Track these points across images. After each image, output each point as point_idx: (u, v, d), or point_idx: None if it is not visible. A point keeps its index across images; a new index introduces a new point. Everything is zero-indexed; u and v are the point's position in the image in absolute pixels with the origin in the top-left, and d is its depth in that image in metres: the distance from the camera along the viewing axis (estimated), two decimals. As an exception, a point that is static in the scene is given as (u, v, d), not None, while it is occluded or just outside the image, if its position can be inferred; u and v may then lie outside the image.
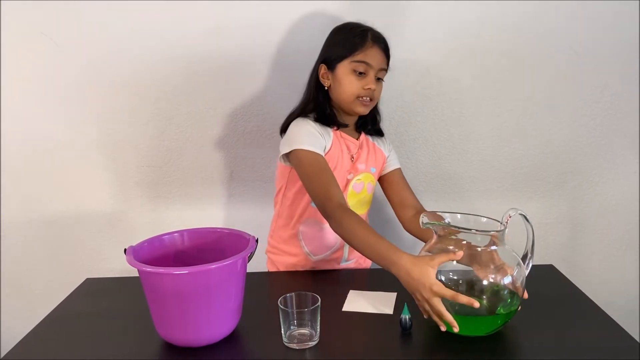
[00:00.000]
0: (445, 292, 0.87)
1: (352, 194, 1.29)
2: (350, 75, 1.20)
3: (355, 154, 1.29)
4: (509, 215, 0.93)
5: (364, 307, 1.04)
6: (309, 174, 1.16)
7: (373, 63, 1.19)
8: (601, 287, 1.50)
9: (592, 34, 1.45)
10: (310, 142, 1.18)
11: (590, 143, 1.56)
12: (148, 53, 1.45)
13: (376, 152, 1.34)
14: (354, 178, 1.28)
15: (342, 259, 1.33)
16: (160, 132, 1.53)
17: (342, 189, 1.25)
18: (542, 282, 1.11)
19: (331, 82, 1.24)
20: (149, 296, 0.92)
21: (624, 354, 0.87)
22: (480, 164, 1.58)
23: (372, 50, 1.19)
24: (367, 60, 1.19)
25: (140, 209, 1.60)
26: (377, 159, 1.33)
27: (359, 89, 1.20)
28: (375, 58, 1.20)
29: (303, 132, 1.21)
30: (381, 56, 1.21)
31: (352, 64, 1.20)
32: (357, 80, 1.20)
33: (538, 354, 0.88)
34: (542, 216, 1.62)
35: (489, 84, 1.50)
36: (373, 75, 1.20)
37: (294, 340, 0.91)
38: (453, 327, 0.89)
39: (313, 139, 1.20)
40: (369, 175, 1.31)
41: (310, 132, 1.21)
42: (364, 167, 1.30)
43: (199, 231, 1.05)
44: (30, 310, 1.61)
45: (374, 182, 1.34)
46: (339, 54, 1.21)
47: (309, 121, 1.24)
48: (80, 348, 0.94)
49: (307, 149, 1.17)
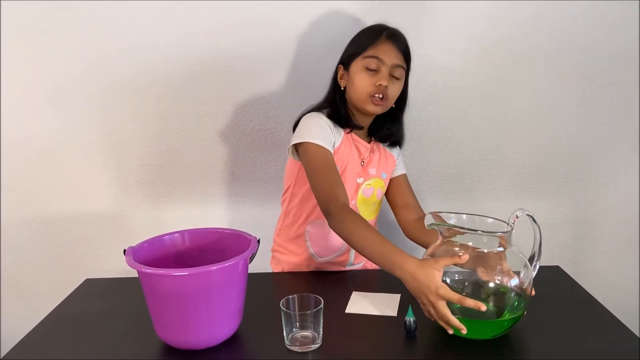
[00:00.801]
0: (451, 296, 0.85)
1: (361, 199, 1.27)
2: (362, 72, 1.17)
3: (366, 159, 1.27)
4: (516, 216, 0.91)
5: (367, 309, 1.03)
6: (316, 170, 1.13)
7: (385, 58, 1.16)
8: (607, 288, 1.49)
9: (599, 33, 1.44)
10: (320, 137, 1.15)
11: (597, 142, 1.54)
12: (149, 52, 1.44)
13: (387, 157, 1.31)
14: (364, 182, 1.26)
15: (347, 262, 1.31)
16: (161, 131, 1.52)
17: (351, 193, 1.24)
18: (549, 284, 1.10)
19: (346, 82, 1.22)
20: (149, 298, 0.91)
21: (632, 355, 0.86)
22: (484, 163, 1.56)
23: (385, 45, 1.16)
24: (379, 55, 1.15)
25: (141, 208, 1.59)
26: (389, 164, 1.31)
27: (370, 85, 1.16)
28: (388, 54, 1.16)
29: (314, 125, 1.18)
30: (395, 52, 1.17)
31: (364, 60, 1.17)
32: (368, 77, 1.16)
33: (545, 356, 0.87)
34: (547, 216, 1.60)
35: (494, 82, 1.49)
36: (386, 72, 1.16)
37: (297, 343, 0.89)
38: (461, 330, 0.87)
39: (323, 133, 1.16)
40: (380, 180, 1.29)
41: (321, 125, 1.18)
42: (375, 172, 1.28)
43: (199, 231, 1.04)
44: (29, 311, 1.61)
45: (384, 188, 1.31)
46: (353, 52, 1.19)
47: (322, 115, 1.21)
48: (79, 349, 0.93)
49: (317, 143, 1.14)
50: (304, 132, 1.17)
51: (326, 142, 1.15)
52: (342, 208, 1.05)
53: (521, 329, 0.93)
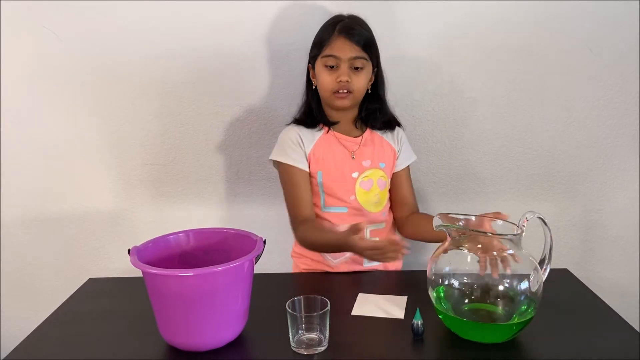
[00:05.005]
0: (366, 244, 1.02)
1: (360, 192, 1.27)
2: (323, 71, 1.21)
3: (355, 152, 1.27)
4: (526, 218, 0.90)
5: (374, 311, 1.02)
6: (283, 188, 1.26)
7: (341, 54, 1.18)
8: (616, 291, 1.46)
9: (608, 33, 1.42)
10: (287, 155, 1.23)
11: (605, 144, 1.52)
12: (153, 49, 1.43)
13: (384, 146, 1.31)
14: (360, 176, 1.26)
15: (364, 260, 1.28)
16: (165, 130, 1.51)
17: (349, 189, 1.25)
18: (558, 287, 1.08)
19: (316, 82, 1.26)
20: (153, 298, 0.90)
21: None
22: (492, 164, 1.55)
23: (338, 41, 1.19)
24: (334, 53, 1.19)
25: (144, 207, 1.58)
26: (385, 153, 1.31)
27: (332, 82, 1.20)
28: (342, 49, 1.18)
29: (283, 142, 1.26)
30: (350, 46, 1.19)
31: (323, 59, 1.21)
32: (329, 74, 1.20)
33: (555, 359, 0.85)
34: (555, 219, 1.58)
35: (502, 83, 1.47)
36: (345, 67, 1.19)
37: (302, 345, 0.88)
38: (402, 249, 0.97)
39: (291, 150, 1.24)
40: (378, 170, 1.28)
41: (289, 143, 1.24)
42: (369, 164, 1.27)
43: (204, 231, 1.03)
44: (32, 311, 1.61)
45: (386, 178, 1.30)
46: (314, 53, 1.24)
47: (294, 129, 1.26)
48: (82, 349, 0.93)
49: (283, 162, 1.24)
50: (275, 149, 1.27)
51: (294, 159, 1.23)
52: (300, 223, 1.20)
53: (530, 332, 0.92)
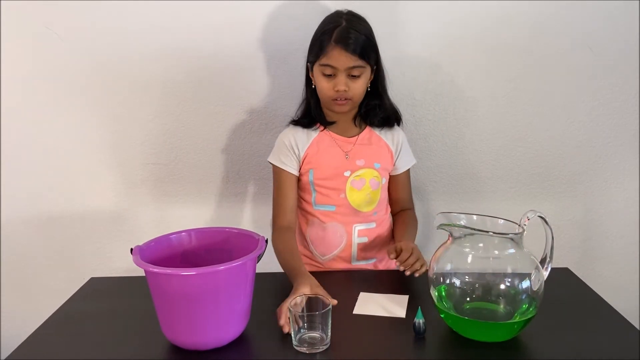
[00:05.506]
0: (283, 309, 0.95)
1: (351, 190, 1.27)
2: (321, 78, 1.20)
3: (349, 152, 1.27)
4: (527, 218, 0.90)
5: (375, 310, 1.02)
6: (273, 189, 1.30)
7: (337, 65, 1.16)
8: (616, 290, 1.46)
9: (609, 32, 1.42)
10: (279, 158, 1.26)
11: (605, 144, 1.53)
12: (154, 49, 1.43)
13: (381, 146, 1.31)
14: (352, 175, 1.27)
15: (352, 257, 1.31)
16: (166, 130, 1.51)
17: (340, 187, 1.27)
18: (559, 286, 1.08)
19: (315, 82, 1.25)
20: (155, 297, 0.90)
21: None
22: (492, 164, 1.55)
23: (334, 51, 1.15)
24: (331, 64, 1.16)
25: (146, 207, 1.58)
26: (382, 154, 1.30)
27: (330, 90, 1.19)
28: (339, 60, 1.15)
29: (278, 145, 1.28)
30: (346, 56, 1.15)
31: (320, 67, 1.19)
32: (327, 82, 1.19)
33: (556, 358, 0.86)
34: (556, 218, 1.58)
35: (503, 82, 1.47)
36: (342, 77, 1.17)
37: (305, 344, 0.89)
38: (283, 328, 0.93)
39: (283, 155, 1.26)
40: (372, 170, 1.28)
41: (281, 146, 1.27)
42: (363, 163, 1.28)
43: (207, 231, 1.03)
44: (33, 310, 1.59)
45: (380, 178, 1.30)
46: (311, 58, 1.22)
47: (289, 132, 1.28)
48: (84, 349, 0.93)
49: (276, 165, 1.27)
50: (272, 151, 1.30)
51: (285, 163, 1.26)
52: (276, 230, 1.25)
53: (531, 332, 0.92)
